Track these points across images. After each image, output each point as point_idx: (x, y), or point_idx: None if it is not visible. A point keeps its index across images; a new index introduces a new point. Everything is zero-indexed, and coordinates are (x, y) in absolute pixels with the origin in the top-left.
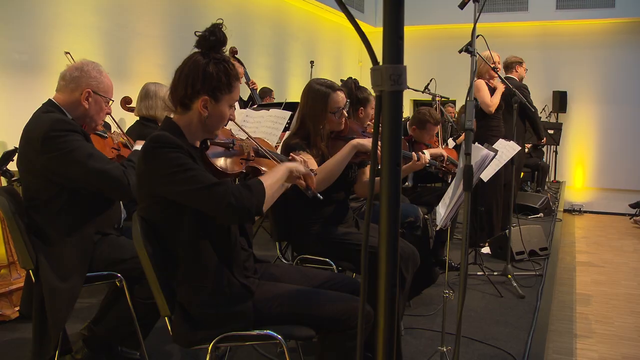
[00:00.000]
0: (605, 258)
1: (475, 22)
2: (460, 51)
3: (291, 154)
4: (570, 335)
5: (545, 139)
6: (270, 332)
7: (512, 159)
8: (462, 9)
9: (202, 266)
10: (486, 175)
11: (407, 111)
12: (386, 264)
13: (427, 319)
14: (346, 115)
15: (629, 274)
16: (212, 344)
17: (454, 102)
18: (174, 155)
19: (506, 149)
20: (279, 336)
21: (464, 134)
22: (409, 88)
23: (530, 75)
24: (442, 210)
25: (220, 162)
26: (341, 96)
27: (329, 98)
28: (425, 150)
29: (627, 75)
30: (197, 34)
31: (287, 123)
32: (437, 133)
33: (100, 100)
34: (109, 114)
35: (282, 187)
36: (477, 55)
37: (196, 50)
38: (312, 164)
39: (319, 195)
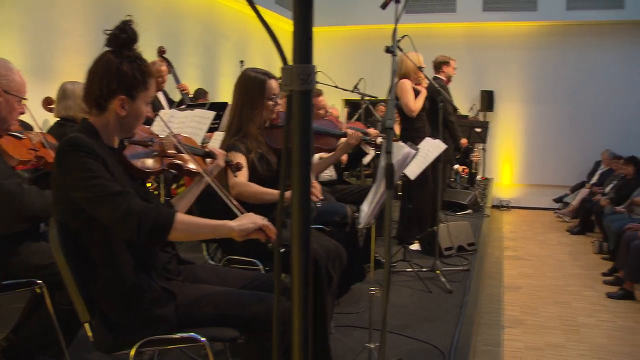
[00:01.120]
0: (531, 251)
1: (397, 22)
2: (385, 51)
3: (208, 147)
4: (498, 327)
5: (465, 140)
6: (193, 334)
7: (438, 157)
8: (383, 9)
9: (119, 270)
10: (413, 173)
11: (341, 111)
12: (299, 263)
13: (356, 316)
14: (280, 103)
15: (553, 266)
16: (134, 349)
17: (384, 101)
18: (84, 160)
19: (432, 148)
20: (203, 338)
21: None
22: (338, 87)
23: (458, 75)
24: (366, 208)
25: (139, 160)
26: (276, 83)
27: (266, 85)
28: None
29: (550, 76)
30: (107, 32)
31: (215, 123)
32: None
33: (12, 99)
34: (23, 113)
35: (211, 235)
36: (404, 55)
37: (107, 49)
38: (240, 160)
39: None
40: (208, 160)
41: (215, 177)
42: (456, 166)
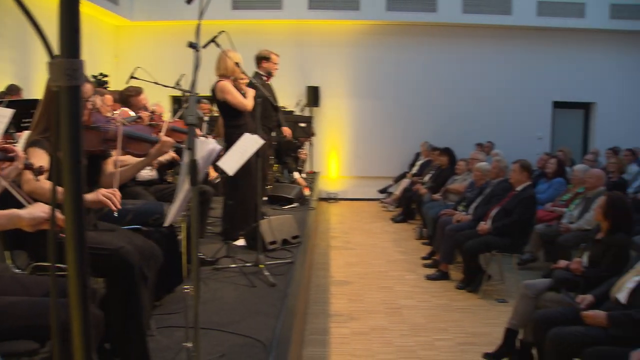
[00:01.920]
0: (357, 241)
1: (200, 17)
2: (204, 46)
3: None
4: (325, 316)
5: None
6: None
7: (257, 152)
8: (189, 3)
9: None
10: (231, 168)
11: (167, 108)
12: (74, 265)
13: (179, 316)
14: (90, 106)
15: (378, 253)
16: None
17: (207, 97)
18: None
19: (250, 143)
20: None
21: (222, 129)
22: (158, 84)
23: (285, 71)
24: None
25: None
26: (87, 87)
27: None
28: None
29: (374, 73)
30: None
31: (27, 122)
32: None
33: None
34: None
35: None
36: (223, 54)
37: None
38: (41, 159)
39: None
40: (6, 163)
41: None
42: (297, 176)
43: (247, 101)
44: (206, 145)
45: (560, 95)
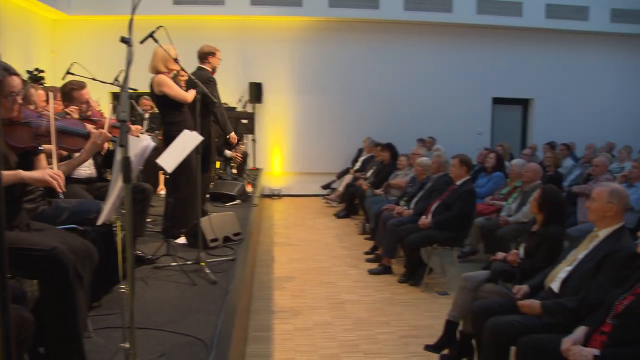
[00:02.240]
0: (300, 237)
1: (133, 12)
2: (142, 42)
3: None
4: (269, 312)
5: (232, 135)
6: None
7: (197, 149)
8: None
9: None
10: (169, 166)
11: (106, 105)
12: None
13: (117, 317)
14: (20, 101)
15: (321, 249)
16: None
17: (147, 94)
18: None
19: (189, 140)
20: None
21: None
22: (95, 80)
23: (227, 68)
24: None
25: None
26: (16, 81)
27: (3, 81)
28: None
29: (316, 69)
30: None
31: None
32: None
33: None
34: None
35: None
36: (159, 48)
37: None
38: None
39: None
40: None
41: None
42: (228, 153)
43: (187, 93)
44: (140, 142)
45: (499, 92)
